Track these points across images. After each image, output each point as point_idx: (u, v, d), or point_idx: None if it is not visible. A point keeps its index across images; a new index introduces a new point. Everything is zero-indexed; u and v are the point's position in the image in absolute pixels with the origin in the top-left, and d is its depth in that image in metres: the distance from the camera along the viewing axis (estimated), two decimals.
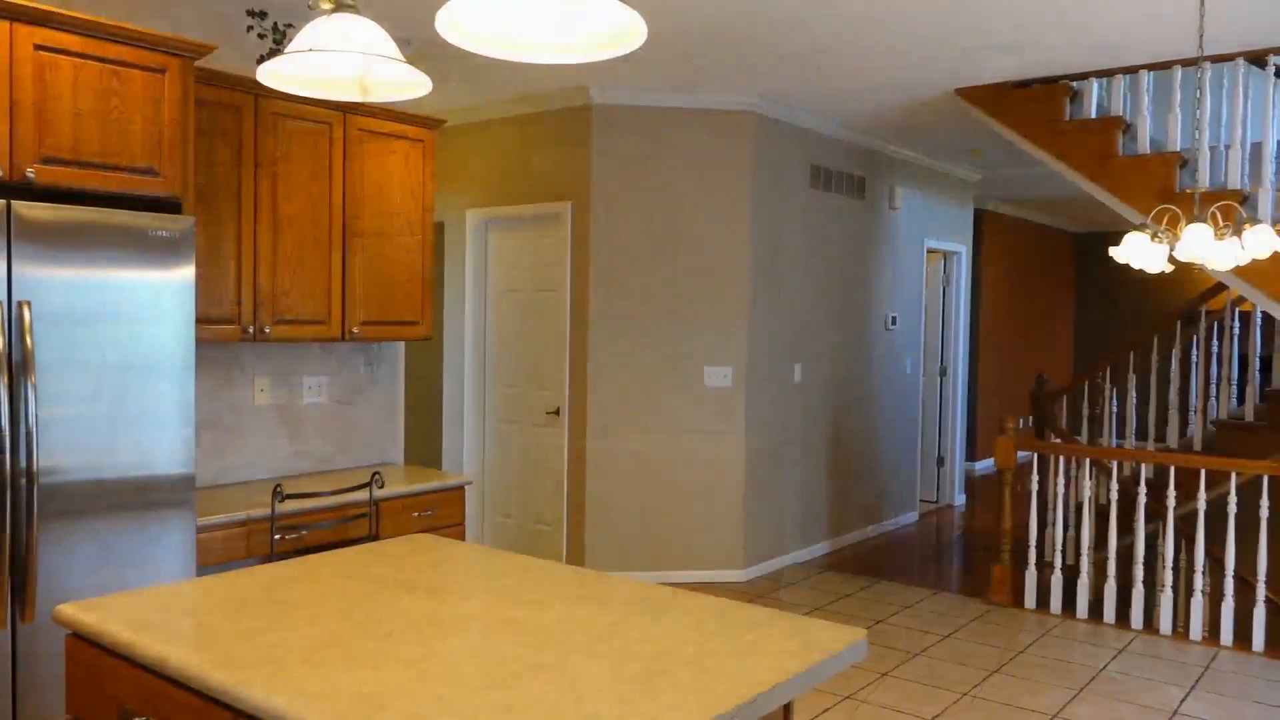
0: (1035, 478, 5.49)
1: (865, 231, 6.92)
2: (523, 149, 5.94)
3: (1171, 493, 4.95)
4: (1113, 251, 3.69)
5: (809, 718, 3.84)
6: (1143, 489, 5.01)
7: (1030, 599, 5.35)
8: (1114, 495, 5.21)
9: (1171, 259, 3.63)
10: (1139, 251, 3.56)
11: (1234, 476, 4.73)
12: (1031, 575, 5.35)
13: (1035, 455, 5.58)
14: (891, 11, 4.15)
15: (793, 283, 6.19)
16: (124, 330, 2.94)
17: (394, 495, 3.84)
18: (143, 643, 1.88)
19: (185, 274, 3.06)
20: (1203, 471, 4.80)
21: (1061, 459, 5.55)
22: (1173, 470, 4.99)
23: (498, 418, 6.24)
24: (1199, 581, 4.82)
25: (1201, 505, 4.79)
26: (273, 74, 2.14)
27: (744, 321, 5.78)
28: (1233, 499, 4.72)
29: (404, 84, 2.14)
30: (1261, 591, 4.66)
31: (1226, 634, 4.75)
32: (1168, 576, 5.00)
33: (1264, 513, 4.62)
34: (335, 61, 2.14)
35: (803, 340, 6.31)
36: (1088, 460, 5.32)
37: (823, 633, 1.99)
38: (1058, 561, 5.30)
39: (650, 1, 4.06)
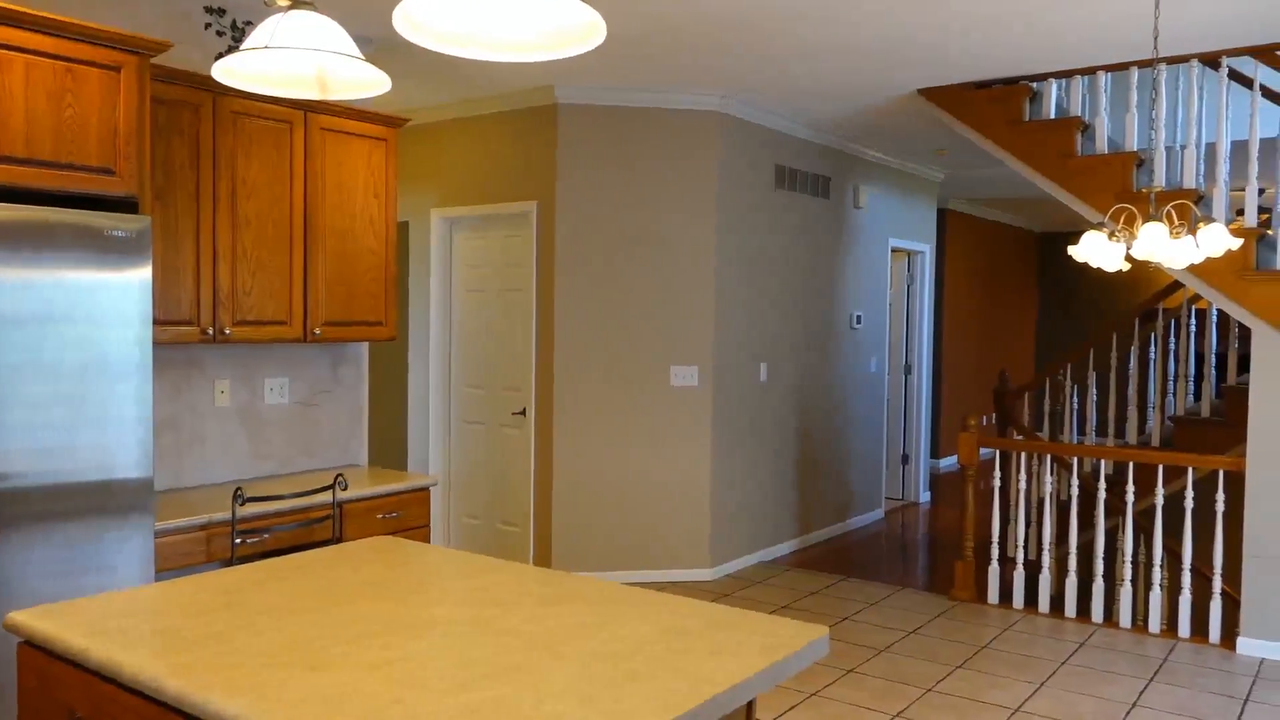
0: (998, 474, 5.55)
1: (830, 231, 6.96)
2: (488, 148, 5.92)
3: (1130, 488, 5.03)
4: (1071, 250, 3.74)
5: (774, 715, 3.86)
6: (1102, 485, 5.09)
7: (993, 594, 5.41)
8: (1074, 491, 5.28)
9: (1128, 257, 3.68)
10: (1097, 250, 3.61)
11: (1190, 472, 4.81)
12: (994, 571, 5.41)
13: (997, 452, 5.64)
14: (854, 12, 4.18)
15: (759, 282, 6.21)
16: (80, 332, 2.89)
17: (358, 497, 3.81)
18: (97, 650, 1.85)
19: (142, 274, 3.02)
20: (1160, 467, 4.88)
21: (1023, 455, 5.61)
22: (1131, 466, 5.06)
23: (464, 418, 6.21)
24: (1157, 575, 4.90)
25: (1159, 500, 4.87)
26: (229, 71, 2.12)
27: (710, 321, 5.79)
28: (1189, 494, 4.80)
29: (363, 82, 2.12)
30: (1218, 584, 4.75)
31: (1184, 626, 4.84)
32: (1127, 571, 5.08)
33: (1220, 507, 4.71)
34: (293, 59, 2.12)
35: (769, 339, 6.34)
36: (1049, 457, 5.39)
37: (785, 631, 2.00)
38: (1020, 557, 5.36)
39: (616, 1, 4.06)
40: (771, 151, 6.27)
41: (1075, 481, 5.26)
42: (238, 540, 3.37)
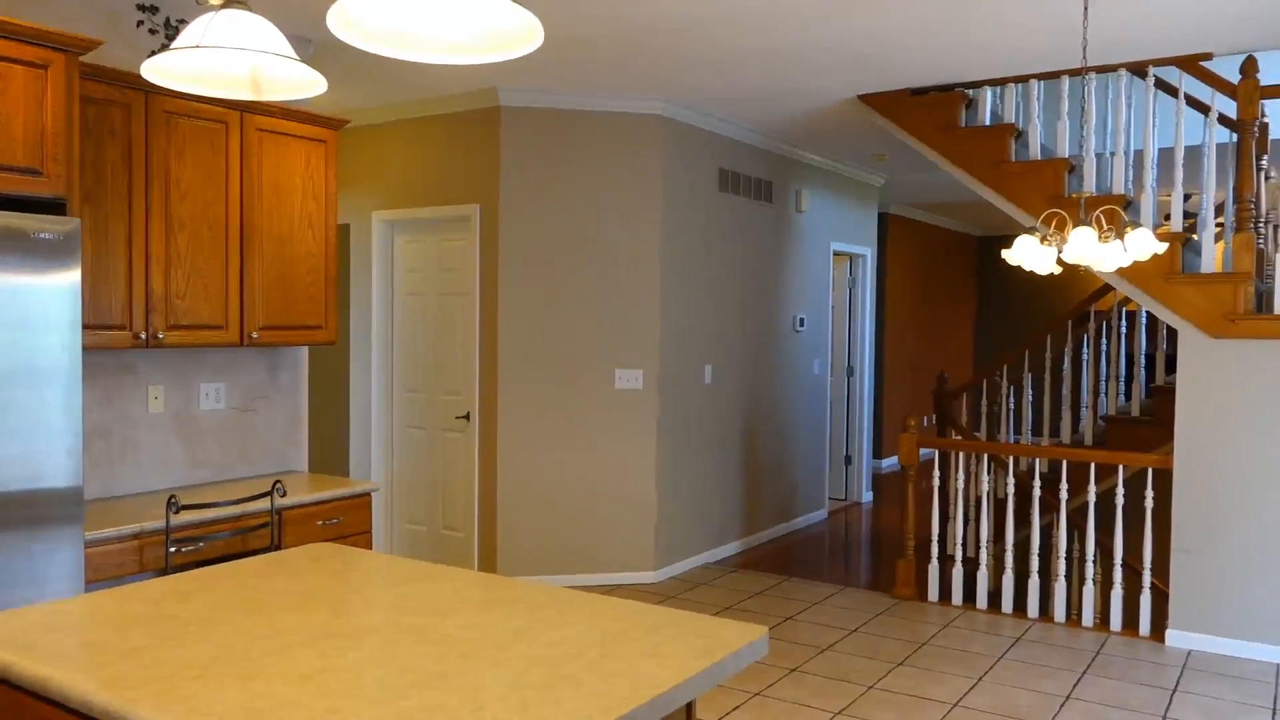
0: (937, 474, 5.65)
1: (773, 235, 7.03)
2: (430, 151, 5.87)
3: (1064, 486, 5.15)
4: (1004, 254, 3.82)
5: (718, 716, 3.88)
6: (1037, 483, 5.21)
7: (933, 592, 5.51)
8: (1011, 490, 5.40)
9: (1060, 261, 3.77)
10: (1029, 254, 3.70)
11: (1121, 470, 4.95)
12: (934, 569, 5.51)
13: (937, 452, 5.75)
14: (794, 18, 4.22)
15: (703, 285, 6.24)
16: (5, 337, 2.81)
17: (297, 504, 3.75)
18: (22, 664, 1.80)
19: (71, 278, 2.94)
20: (1092, 465, 5.01)
21: (961, 455, 5.72)
22: (1065, 465, 5.19)
23: (406, 423, 6.15)
24: (1090, 571, 5.03)
25: (1091, 497, 5.00)
26: (159, 70, 2.07)
27: (654, 324, 5.81)
28: (1120, 491, 4.93)
29: (298, 83, 2.09)
30: (1147, 578, 4.89)
31: (1116, 620, 4.96)
32: (1061, 567, 5.20)
33: (1149, 503, 4.84)
34: (225, 59, 2.08)
35: (713, 342, 6.37)
36: (986, 456, 5.50)
37: (724, 632, 2.01)
38: (959, 555, 5.46)
39: (557, 4, 4.06)
40: (714, 155, 6.31)
41: (1011, 480, 5.37)
42: (172, 550, 3.30)
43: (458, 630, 2.01)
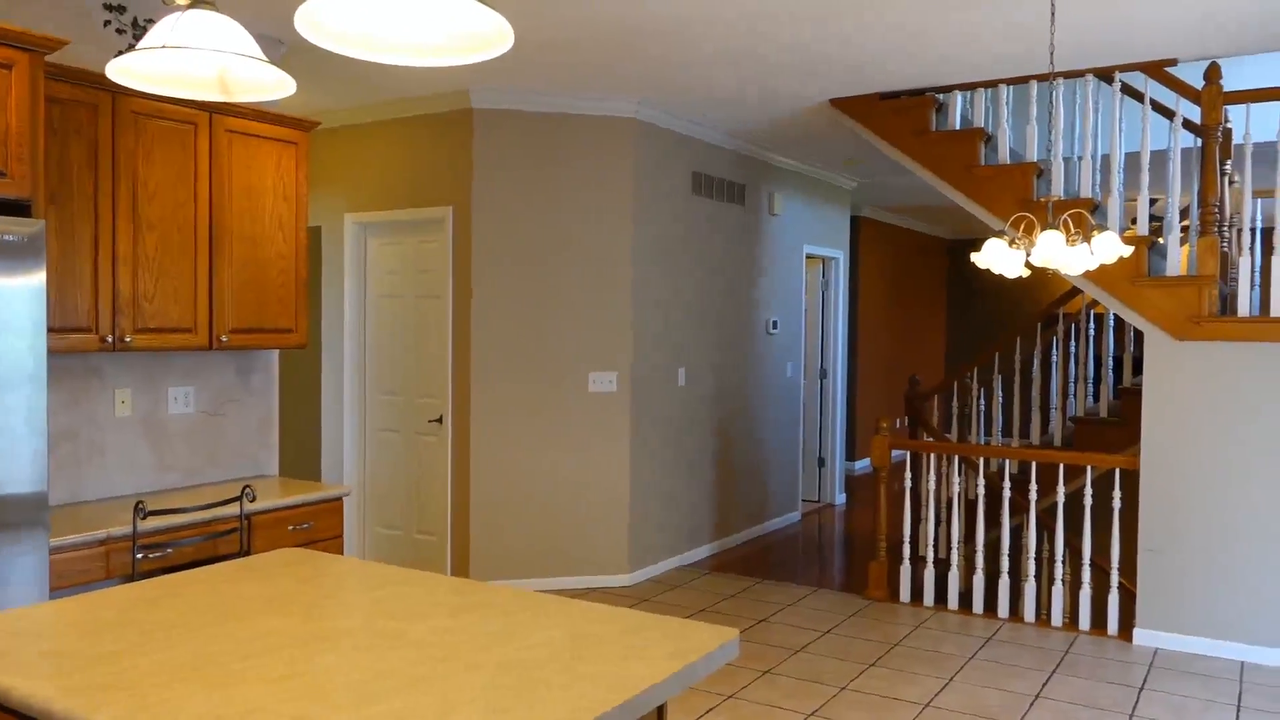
0: (909, 476, 5.69)
1: (746, 238, 7.05)
2: (403, 152, 5.84)
3: (1034, 487, 5.20)
4: (974, 257, 3.86)
5: (691, 718, 3.88)
6: (1007, 484, 5.25)
7: (905, 593, 5.54)
8: (981, 491, 5.44)
9: (1028, 264, 3.82)
10: (998, 257, 3.74)
11: (1089, 470, 5.00)
12: (906, 570, 5.54)
13: (909, 454, 5.78)
14: (766, 22, 4.24)
15: (676, 288, 6.25)
16: None
17: (267, 509, 3.72)
18: None
19: (36, 280, 2.90)
20: (1061, 466, 5.06)
21: (933, 457, 5.77)
22: (1034, 466, 5.24)
23: (379, 426, 6.11)
24: (1059, 570, 5.08)
25: (1060, 498, 5.05)
26: (125, 71, 2.05)
27: (628, 327, 5.81)
28: (1089, 491, 4.99)
29: (266, 84, 2.07)
30: (1115, 578, 4.95)
31: (1085, 619, 5.02)
32: (1031, 567, 5.26)
33: (1116, 504, 4.90)
34: (193, 60, 2.07)
35: (687, 345, 6.39)
36: (957, 457, 5.54)
37: (696, 634, 2.02)
38: (930, 556, 5.50)
39: (530, 7, 4.06)
40: (688, 158, 6.33)
41: (982, 481, 5.42)
42: (139, 555, 3.26)
43: (430, 635, 2.00)
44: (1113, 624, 4.96)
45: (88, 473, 3.75)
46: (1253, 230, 4.85)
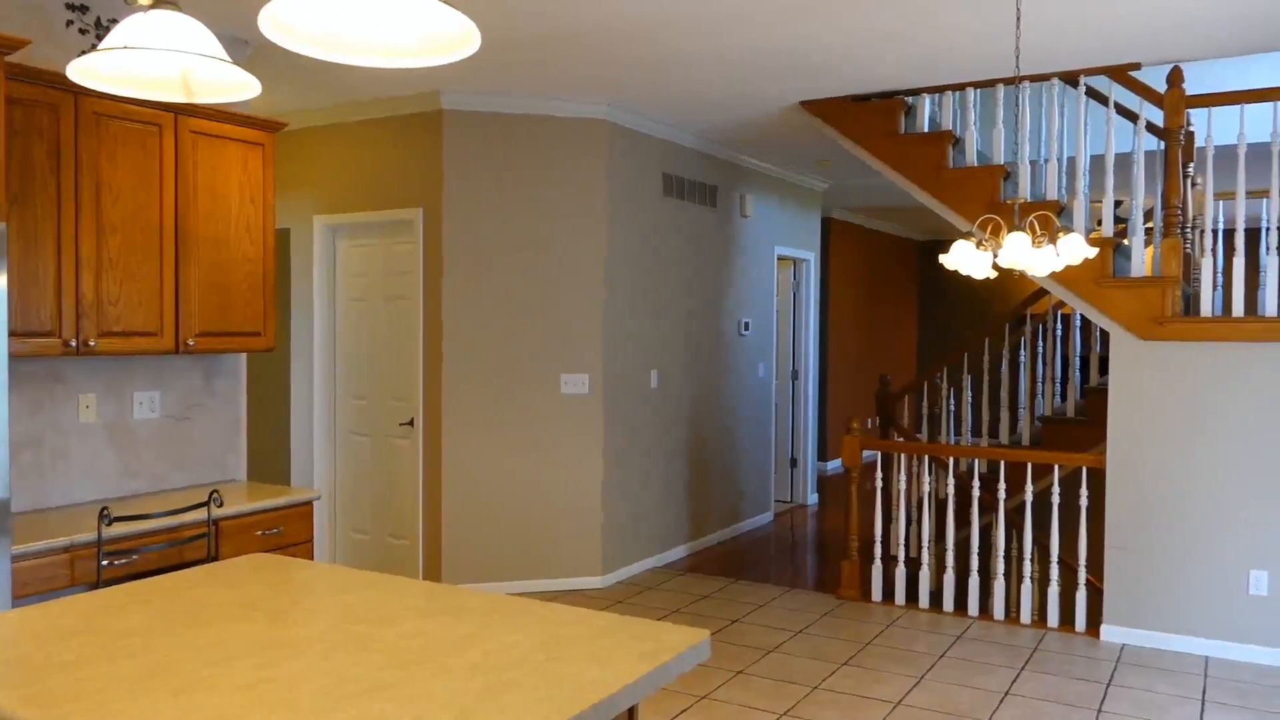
0: (880, 475, 5.73)
1: (718, 239, 7.07)
2: (372, 154, 5.81)
3: (1002, 486, 5.25)
4: (942, 258, 3.89)
5: (666, 719, 3.88)
6: (977, 483, 5.30)
7: (877, 592, 5.58)
8: (951, 490, 5.49)
9: (996, 265, 3.85)
10: (966, 258, 3.77)
11: (1057, 469, 5.06)
12: (878, 569, 5.58)
13: (880, 454, 5.82)
14: (739, 24, 4.26)
15: (648, 290, 6.26)
16: None
17: (235, 514, 3.68)
18: None
19: None
20: (1029, 466, 5.11)
21: (903, 456, 5.81)
22: (1003, 465, 5.29)
23: (349, 430, 6.07)
24: (1028, 568, 5.13)
25: (1029, 497, 5.11)
26: (87, 71, 2.02)
27: (599, 328, 5.81)
28: (1056, 490, 5.04)
29: (230, 85, 2.05)
30: (1082, 575, 5.00)
31: (1053, 616, 5.07)
32: (1000, 565, 5.31)
33: (1083, 502, 4.96)
34: (155, 60, 2.04)
35: (659, 347, 6.39)
36: (927, 457, 5.58)
37: (667, 636, 2.02)
38: (902, 555, 5.54)
39: (499, 6, 4.04)
40: (659, 160, 6.34)
41: (952, 481, 5.46)
42: (104, 562, 3.22)
43: (400, 639, 1.99)
44: (1080, 621, 5.02)
45: (51, 479, 3.70)
46: (1215, 232, 4.92)
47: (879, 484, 5.68)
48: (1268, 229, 4.74)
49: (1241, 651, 4.62)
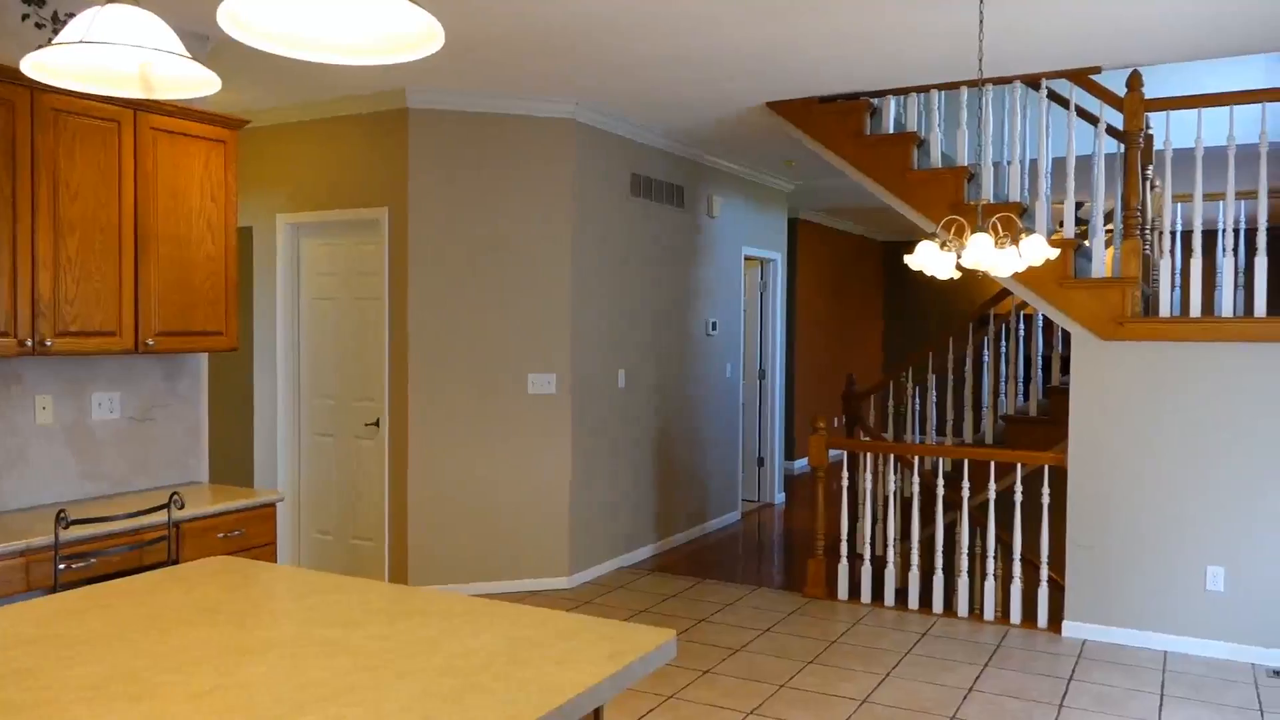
0: (846, 474, 5.76)
1: (685, 239, 7.08)
2: (337, 152, 5.75)
3: (966, 484, 5.30)
4: (907, 259, 3.92)
5: (632, 719, 3.88)
6: (941, 482, 5.35)
7: (843, 590, 5.61)
8: (916, 489, 5.53)
9: (959, 266, 3.89)
10: (930, 259, 3.80)
11: (1019, 468, 5.12)
12: (844, 568, 5.61)
13: (846, 453, 5.86)
14: (706, 24, 4.27)
15: (615, 290, 6.25)
16: None
17: (196, 516, 3.63)
18: None
19: None
20: (992, 464, 5.17)
21: (869, 455, 5.85)
22: (967, 463, 5.34)
23: (314, 431, 6.01)
24: (991, 566, 5.19)
25: (992, 495, 5.16)
26: (43, 66, 1.99)
27: (567, 328, 5.79)
28: (1019, 488, 5.10)
29: (189, 81, 2.02)
30: (1044, 572, 5.07)
31: (1016, 613, 5.13)
32: (964, 562, 5.36)
33: (1045, 500, 5.02)
34: (112, 55, 2.01)
35: (627, 346, 6.39)
36: (892, 456, 5.63)
37: (633, 636, 2.02)
38: (867, 553, 5.58)
39: (464, 5, 4.02)
40: (627, 160, 6.33)
41: (917, 479, 5.51)
42: (61, 566, 3.16)
43: (365, 642, 1.97)
44: (1043, 617, 5.08)
45: (7, 482, 3.63)
46: (1173, 234, 5.00)
47: (845, 483, 5.71)
48: (1224, 231, 4.83)
49: (1199, 646, 4.70)
